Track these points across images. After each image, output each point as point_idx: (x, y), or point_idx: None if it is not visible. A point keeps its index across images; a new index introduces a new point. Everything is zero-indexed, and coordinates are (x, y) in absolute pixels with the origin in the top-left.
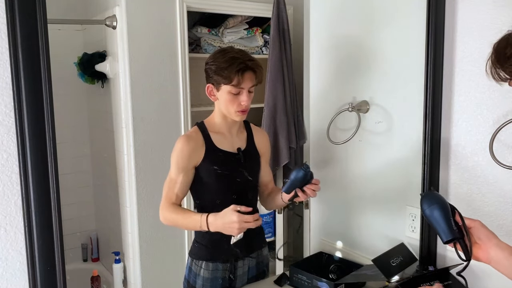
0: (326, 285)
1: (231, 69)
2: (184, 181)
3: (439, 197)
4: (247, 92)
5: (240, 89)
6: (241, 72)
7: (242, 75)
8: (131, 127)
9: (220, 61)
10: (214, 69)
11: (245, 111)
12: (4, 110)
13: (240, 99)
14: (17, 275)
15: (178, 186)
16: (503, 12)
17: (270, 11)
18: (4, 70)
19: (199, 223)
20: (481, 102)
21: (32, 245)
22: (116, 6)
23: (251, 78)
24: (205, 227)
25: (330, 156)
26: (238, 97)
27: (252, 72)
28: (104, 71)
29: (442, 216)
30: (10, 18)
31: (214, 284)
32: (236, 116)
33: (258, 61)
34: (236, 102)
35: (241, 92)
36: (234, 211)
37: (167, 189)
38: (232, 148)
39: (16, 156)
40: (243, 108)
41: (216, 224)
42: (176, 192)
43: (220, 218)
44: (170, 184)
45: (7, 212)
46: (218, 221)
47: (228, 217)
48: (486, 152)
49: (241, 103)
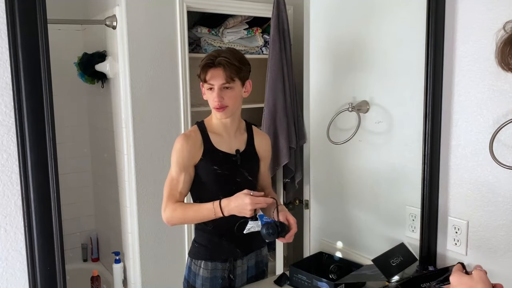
0: (326, 285)
1: (201, 65)
2: (186, 180)
3: None
4: (219, 89)
5: (210, 85)
6: (206, 67)
7: (206, 71)
8: (131, 127)
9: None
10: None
11: (221, 109)
12: (4, 110)
13: (212, 96)
14: (17, 275)
15: (180, 187)
16: (503, 12)
17: (270, 11)
18: (4, 70)
19: (212, 210)
20: (481, 102)
21: (32, 245)
22: (116, 6)
23: (219, 74)
24: (219, 212)
25: (330, 156)
26: (212, 94)
27: (221, 69)
28: (104, 71)
29: None
30: (10, 18)
31: (213, 283)
32: (215, 113)
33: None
34: (211, 99)
35: (212, 89)
36: (246, 194)
37: (169, 188)
38: (229, 149)
39: (16, 156)
40: (215, 106)
41: (229, 207)
42: (179, 190)
43: (233, 201)
44: (172, 184)
45: (7, 212)
46: (232, 203)
47: (241, 199)
48: (486, 152)
49: (213, 100)
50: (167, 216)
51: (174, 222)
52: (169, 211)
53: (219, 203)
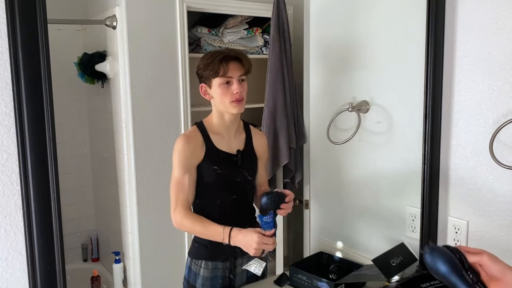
0: (326, 285)
1: (216, 61)
2: (190, 181)
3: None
4: (237, 81)
5: (229, 78)
6: (224, 61)
7: (227, 64)
8: (131, 127)
9: (206, 58)
10: (202, 67)
11: (240, 101)
12: (4, 110)
13: (232, 89)
14: (17, 275)
15: (186, 188)
16: (503, 12)
17: (270, 11)
18: (4, 70)
19: (221, 235)
20: (481, 102)
21: (32, 245)
22: (116, 6)
23: (237, 66)
24: (226, 239)
25: (330, 156)
26: (229, 87)
27: (238, 61)
28: (104, 71)
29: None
30: (10, 18)
31: (214, 283)
32: (232, 108)
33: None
34: (229, 93)
35: (230, 81)
36: (257, 231)
37: (176, 192)
38: (229, 149)
39: (16, 156)
40: (237, 98)
41: (237, 238)
42: (187, 196)
43: (243, 234)
44: (178, 187)
45: (7, 212)
46: (240, 235)
47: (250, 235)
48: (486, 152)
49: (233, 92)
50: (177, 220)
51: (182, 229)
52: (179, 216)
53: (229, 231)
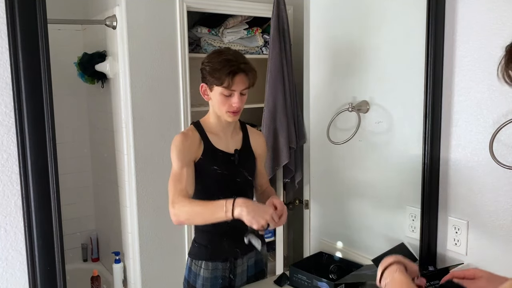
0: (326, 285)
1: (224, 71)
2: (189, 174)
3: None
4: (238, 94)
5: (232, 91)
6: (232, 74)
7: (233, 78)
8: (131, 127)
9: (214, 62)
10: (208, 70)
11: (236, 113)
12: (4, 110)
13: (231, 101)
14: (17, 275)
15: (185, 180)
16: (503, 12)
17: (270, 11)
18: (4, 70)
19: (223, 206)
20: (481, 102)
21: (32, 245)
22: (116, 6)
23: (243, 80)
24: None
25: (330, 156)
26: (229, 98)
27: (244, 75)
28: (104, 71)
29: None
30: (10, 18)
31: (214, 283)
32: (228, 117)
33: (251, 64)
34: (227, 104)
35: (232, 94)
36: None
37: (174, 184)
38: (227, 148)
39: (16, 156)
40: (234, 110)
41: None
42: (185, 187)
43: (255, 204)
44: (176, 179)
45: (7, 212)
46: (250, 204)
47: (264, 206)
48: (486, 152)
49: (232, 104)
50: (175, 212)
51: (181, 219)
52: (177, 206)
53: (233, 200)
